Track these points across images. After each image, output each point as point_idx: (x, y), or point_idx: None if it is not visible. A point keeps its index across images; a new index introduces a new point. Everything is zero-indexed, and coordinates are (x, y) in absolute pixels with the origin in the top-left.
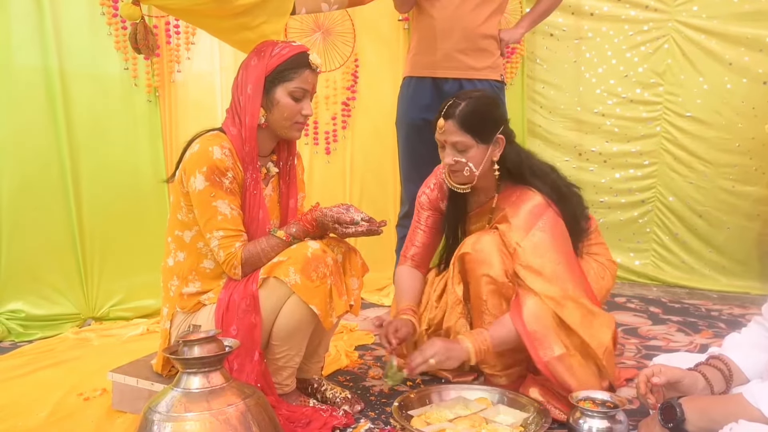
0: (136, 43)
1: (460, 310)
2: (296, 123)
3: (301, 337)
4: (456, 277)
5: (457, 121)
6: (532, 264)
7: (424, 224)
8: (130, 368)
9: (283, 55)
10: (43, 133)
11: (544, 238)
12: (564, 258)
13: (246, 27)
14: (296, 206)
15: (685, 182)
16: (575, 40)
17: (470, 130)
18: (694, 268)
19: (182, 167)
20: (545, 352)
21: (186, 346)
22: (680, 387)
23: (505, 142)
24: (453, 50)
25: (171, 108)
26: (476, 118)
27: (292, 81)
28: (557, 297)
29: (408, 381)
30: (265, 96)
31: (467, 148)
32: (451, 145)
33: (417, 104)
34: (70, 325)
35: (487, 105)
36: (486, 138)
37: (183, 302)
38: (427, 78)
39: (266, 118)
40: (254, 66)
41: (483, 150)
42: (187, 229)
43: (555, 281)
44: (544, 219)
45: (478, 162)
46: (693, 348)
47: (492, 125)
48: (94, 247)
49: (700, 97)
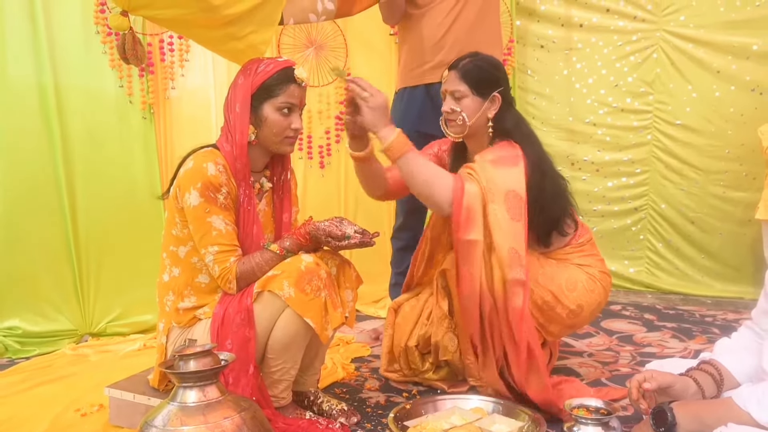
0: (125, 54)
1: (447, 324)
2: (287, 138)
3: (297, 350)
4: (440, 293)
5: (458, 71)
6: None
7: (427, 156)
8: (127, 383)
9: (268, 72)
10: (38, 149)
11: (492, 161)
12: (509, 207)
13: (234, 37)
14: (290, 221)
15: (677, 189)
16: (565, 51)
17: (468, 80)
18: (687, 274)
19: (177, 183)
20: (465, 233)
21: (182, 360)
22: (672, 392)
23: (501, 101)
24: (446, 58)
25: (166, 124)
26: (475, 71)
27: (278, 97)
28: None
29: (404, 392)
30: (254, 113)
31: (463, 97)
32: (450, 94)
33: (410, 116)
34: (68, 342)
35: (489, 64)
36: (482, 92)
37: (179, 317)
38: (418, 87)
39: (256, 135)
40: (241, 85)
41: (478, 102)
42: (181, 245)
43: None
44: (506, 153)
45: (472, 113)
46: (687, 354)
47: (489, 81)
48: (90, 263)
49: (690, 105)
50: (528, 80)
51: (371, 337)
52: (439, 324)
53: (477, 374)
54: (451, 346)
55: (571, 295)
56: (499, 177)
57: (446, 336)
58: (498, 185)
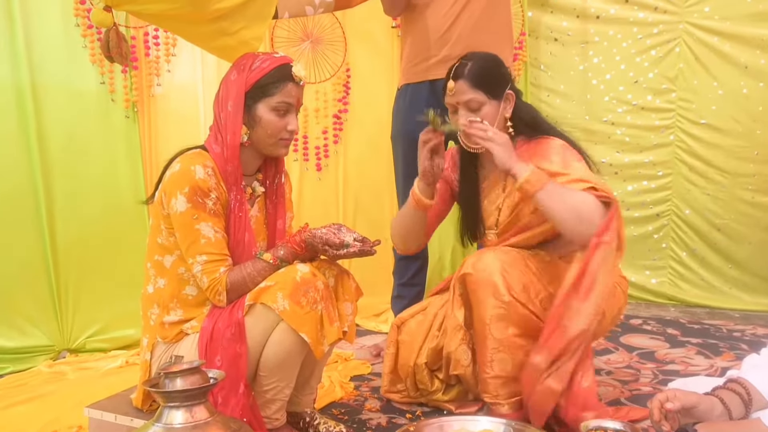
0: (108, 51)
1: (462, 335)
2: (281, 140)
3: (291, 367)
4: (457, 301)
5: (467, 79)
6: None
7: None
8: (108, 403)
9: (264, 69)
10: (13, 152)
11: (582, 165)
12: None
13: (225, 32)
14: (284, 228)
15: (702, 194)
16: (581, 45)
17: (481, 86)
18: (714, 285)
19: (162, 188)
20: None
21: (167, 378)
22: (696, 413)
23: (515, 97)
24: (452, 52)
25: (150, 124)
26: (486, 74)
27: (274, 96)
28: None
29: (408, 413)
30: (247, 113)
31: (481, 105)
32: (464, 105)
33: (413, 115)
34: (44, 358)
35: (494, 62)
36: (497, 93)
37: (164, 332)
38: (423, 83)
39: (249, 136)
40: (234, 81)
41: (495, 106)
42: (167, 254)
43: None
44: (572, 151)
45: (493, 118)
46: (714, 372)
47: (501, 80)
48: (69, 273)
49: (715, 103)
50: (541, 76)
51: (372, 354)
52: (452, 335)
53: (495, 391)
54: (465, 360)
55: None
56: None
57: (460, 348)
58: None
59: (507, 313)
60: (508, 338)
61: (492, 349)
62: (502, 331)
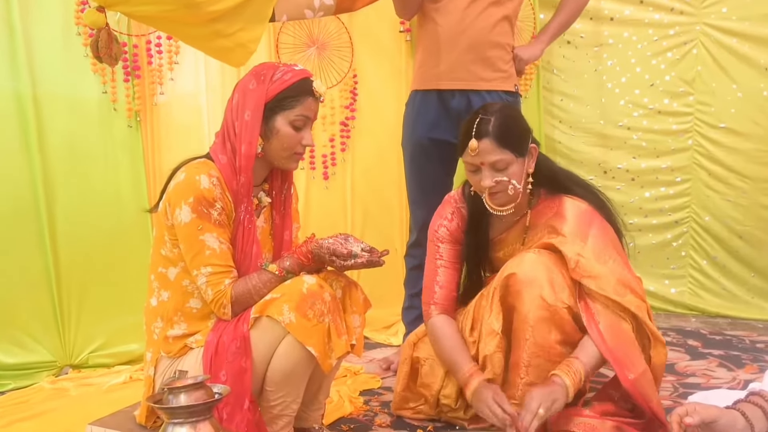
0: (98, 52)
1: (497, 342)
2: (295, 153)
3: (298, 381)
4: (496, 307)
5: (493, 138)
6: (598, 273)
7: (447, 260)
8: (111, 420)
9: (286, 81)
10: (14, 163)
11: (600, 243)
12: (622, 260)
13: (221, 34)
14: (291, 239)
15: (723, 200)
16: (595, 48)
17: (508, 145)
18: (736, 295)
19: (166, 198)
20: (629, 371)
21: (171, 394)
22: (717, 427)
23: (537, 151)
24: (460, 60)
25: (153, 133)
26: (511, 131)
27: (293, 109)
28: (637, 303)
29: (419, 429)
30: (264, 124)
31: (508, 165)
32: (490, 166)
33: (422, 122)
34: (46, 374)
35: (515, 115)
36: (523, 150)
37: (168, 346)
38: (432, 92)
39: (263, 147)
40: (253, 90)
41: (521, 164)
42: (171, 266)
43: (622, 285)
44: (596, 224)
45: (520, 177)
46: (736, 385)
47: (525, 135)
48: (71, 286)
49: (735, 106)
50: (554, 79)
51: (382, 368)
52: (487, 341)
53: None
54: (498, 367)
55: None
56: (604, 251)
57: (495, 355)
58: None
59: (552, 316)
60: (550, 344)
61: (531, 353)
62: (544, 335)
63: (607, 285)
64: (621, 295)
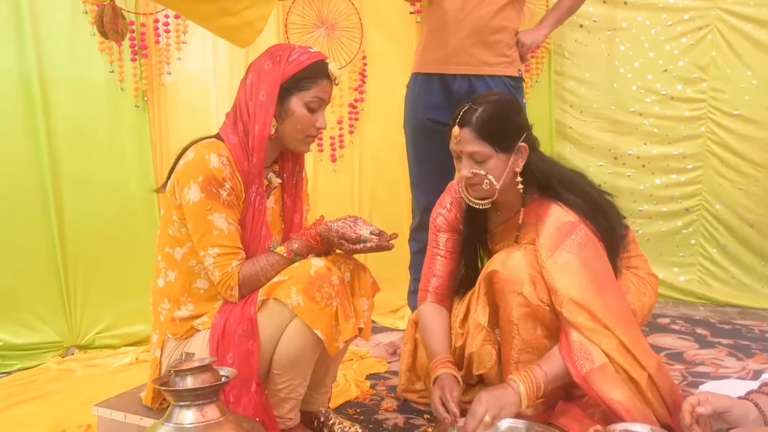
0: (103, 27)
1: (484, 335)
2: (308, 136)
3: (305, 365)
4: (482, 300)
5: (474, 128)
6: (559, 287)
7: (444, 249)
8: (117, 401)
9: (302, 62)
10: (21, 144)
11: (572, 259)
12: (594, 281)
13: (228, 12)
14: (301, 222)
15: (734, 188)
16: (608, 32)
17: (489, 138)
18: (745, 284)
19: (175, 177)
20: (583, 363)
21: (178, 376)
22: (729, 418)
23: (528, 150)
24: (463, 44)
25: (161, 113)
26: (495, 125)
27: (309, 90)
28: (590, 326)
29: (426, 413)
30: (279, 105)
31: (486, 159)
32: (468, 156)
33: (424, 104)
34: (52, 355)
35: (507, 110)
36: (507, 147)
37: (174, 327)
38: (434, 75)
39: (276, 129)
40: (268, 71)
41: (504, 160)
42: (178, 246)
43: (575, 304)
44: (572, 238)
45: (499, 174)
46: (745, 374)
47: (513, 132)
48: (78, 268)
49: (749, 93)
50: (566, 64)
51: (388, 352)
52: (475, 334)
53: None
54: (489, 360)
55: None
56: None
57: (483, 348)
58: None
59: (534, 312)
60: (537, 339)
61: (519, 349)
62: (530, 331)
63: (558, 302)
64: (572, 314)
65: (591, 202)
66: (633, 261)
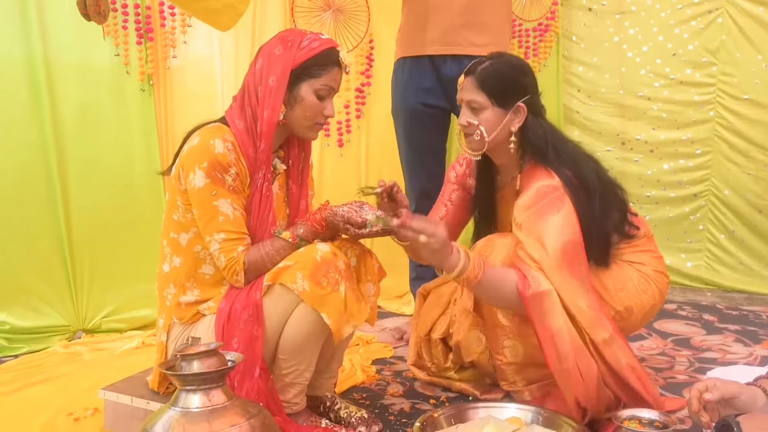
0: (85, 9)
1: (471, 321)
2: (316, 124)
3: (311, 350)
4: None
5: (476, 78)
6: (521, 221)
7: (448, 199)
8: (123, 385)
9: (313, 49)
10: (26, 129)
11: (535, 218)
12: (559, 234)
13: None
14: (306, 208)
15: (743, 173)
16: (617, 15)
17: (488, 90)
18: (753, 270)
19: (180, 162)
20: (531, 284)
21: (184, 360)
22: (737, 404)
23: (527, 112)
24: (452, 25)
25: (166, 97)
26: (497, 79)
27: (319, 78)
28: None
29: (432, 398)
30: (289, 91)
31: (482, 109)
32: (467, 104)
33: (414, 88)
34: (59, 338)
35: (513, 68)
36: (503, 102)
37: (180, 312)
38: (423, 57)
39: (285, 115)
40: (279, 56)
41: (499, 115)
42: (183, 231)
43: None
44: (548, 199)
45: (491, 127)
46: (753, 360)
47: (514, 90)
48: (84, 252)
49: (759, 78)
50: (573, 48)
51: (394, 337)
52: (462, 321)
53: (512, 377)
54: (477, 346)
55: (619, 296)
56: (549, 233)
57: (471, 334)
58: (552, 244)
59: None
60: (517, 325)
61: (502, 336)
62: (510, 317)
63: (518, 225)
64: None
65: (583, 178)
66: (640, 256)
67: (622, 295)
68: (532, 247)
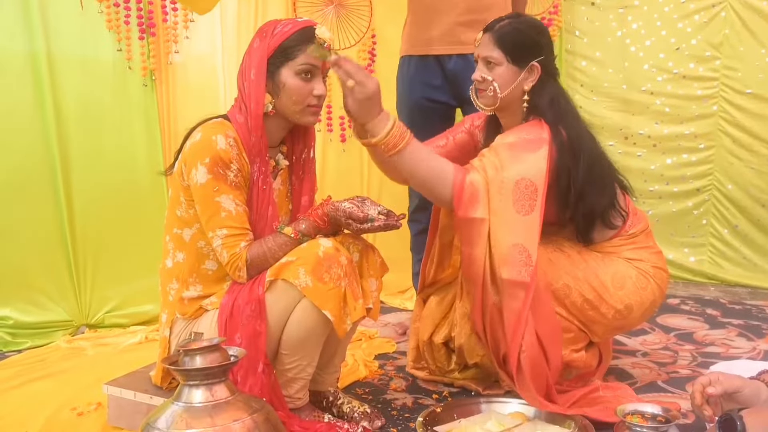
0: None
1: (472, 324)
2: (309, 106)
3: (314, 345)
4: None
5: (493, 34)
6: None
7: (453, 135)
8: (127, 380)
9: (286, 32)
10: (29, 124)
11: (510, 145)
12: (518, 166)
13: None
14: (309, 203)
15: (746, 168)
16: (620, 9)
17: (503, 46)
18: (756, 264)
19: (182, 158)
20: (464, 202)
21: (187, 356)
22: (740, 398)
23: (540, 72)
24: (455, 24)
25: (169, 93)
26: (514, 36)
27: (297, 59)
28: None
29: (434, 393)
30: (271, 80)
31: (496, 65)
32: (483, 60)
33: (421, 83)
34: (62, 333)
35: (531, 27)
36: (518, 59)
37: (183, 307)
38: (429, 56)
39: (274, 105)
40: (256, 48)
41: (513, 72)
42: (186, 227)
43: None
44: (527, 139)
45: (505, 83)
46: (756, 355)
47: (529, 49)
48: (87, 247)
49: (762, 72)
50: (576, 42)
51: (397, 332)
52: (462, 325)
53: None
54: (480, 349)
55: (618, 294)
56: (511, 162)
57: (473, 338)
58: (508, 172)
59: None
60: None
61: (503, 347)
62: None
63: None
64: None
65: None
66: (639, 252)
67: (621, 293)
68: (490, 164)
